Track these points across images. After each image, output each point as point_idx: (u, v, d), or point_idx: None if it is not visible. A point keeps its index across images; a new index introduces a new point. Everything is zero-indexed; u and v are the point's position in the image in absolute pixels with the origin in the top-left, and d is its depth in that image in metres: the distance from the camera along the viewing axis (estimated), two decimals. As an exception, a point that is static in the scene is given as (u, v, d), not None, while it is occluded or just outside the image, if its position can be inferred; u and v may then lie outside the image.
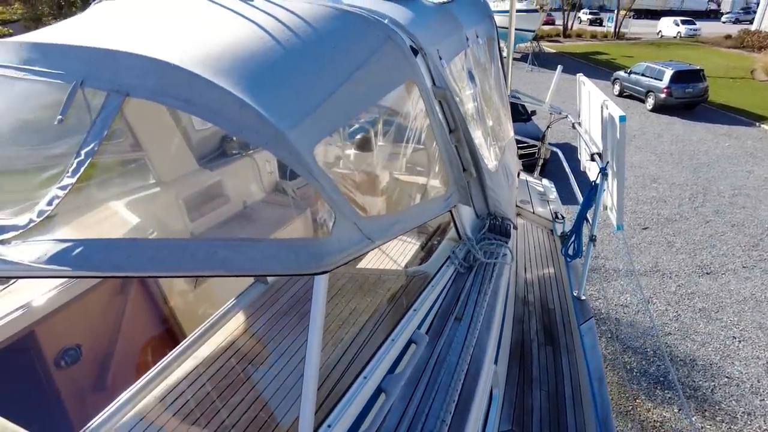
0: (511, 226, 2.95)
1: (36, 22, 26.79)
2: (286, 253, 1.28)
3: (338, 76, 1.58)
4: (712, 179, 11.86)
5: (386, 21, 1.90)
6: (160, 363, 2.17)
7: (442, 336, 2.13)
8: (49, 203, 1.32)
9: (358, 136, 2.58)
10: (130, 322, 2.71)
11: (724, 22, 50.50)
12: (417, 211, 2.03)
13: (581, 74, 4.24)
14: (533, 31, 29.22)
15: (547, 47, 34.65)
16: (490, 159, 2.97)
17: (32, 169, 1.48)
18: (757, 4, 35.28)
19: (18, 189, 1.50)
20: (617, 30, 40.42)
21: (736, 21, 48.89)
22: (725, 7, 58.30)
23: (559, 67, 4.95)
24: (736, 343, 6.58)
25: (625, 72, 20.04)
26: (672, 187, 11.48)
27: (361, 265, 2.95)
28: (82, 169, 1.34)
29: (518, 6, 30.62)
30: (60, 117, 1.40)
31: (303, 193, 3.88)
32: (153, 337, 2.88)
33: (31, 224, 1.30)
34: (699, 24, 40.87)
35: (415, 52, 2.03)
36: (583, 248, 3.33)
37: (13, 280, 2.45)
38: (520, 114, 12.06)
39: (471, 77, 2.93)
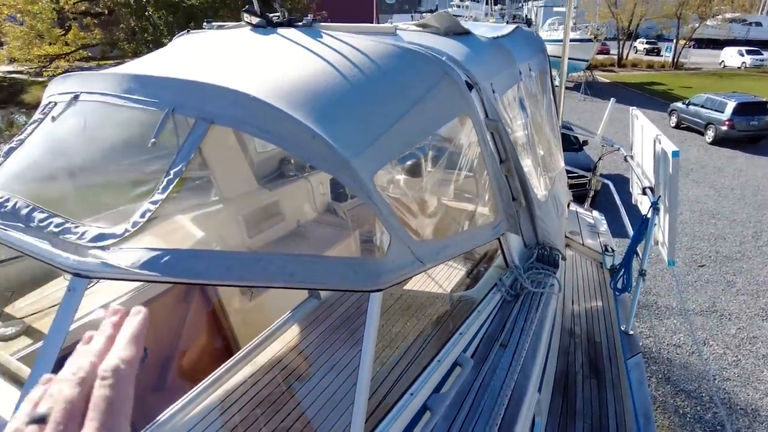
0: (560, 256, 2.96)
1: (112, 46, 29.04)
2: (346, 270, 1.39)
3: (398, 109, 1.71)
4: (778, 217, 11.22)
5: (444, 58, 2.04)
6: (217, 370, 2.32)
7: (487, 361, 2.17)
8: (142, 215, 1.50)
9: (411, 163, 2.69)
10: (190, 329, 2.90)
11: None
12: (466, 237, 2.11)
13: (635, 108, 4.22)
14: (587, 61, 28.89)
15: (601, 77, 34.06)
16: (539, 188, 3.01)
17: (128, 185, 1.69)
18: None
19: (117, 202, 1.70)
20: (675, 60, 39.25)
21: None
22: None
23: (612, 100, 4.93)
24: (804, 395, 6.13)
25: (683, 103, 19.40)
26: (733, 224, 10.93)
27: (408, 286, 3.03)
28: (171, 187, 1.52)
29: (572, 35, 30.48)
30: (153, 140, 1.60)
31: (353, 215, 4.04)
32: (210, 345, 3.05)
33: (127, 233, 1.48)
34: (766, 54, 39.08)
35: (470, 86, 2.15)
36: (633, 282, 3.28)
37: (95, 282, 2.69)
38: (571, 143, 11.89)
39: (523, 109, 3.01)
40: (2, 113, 28.54)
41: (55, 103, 1.99)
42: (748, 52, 38.35)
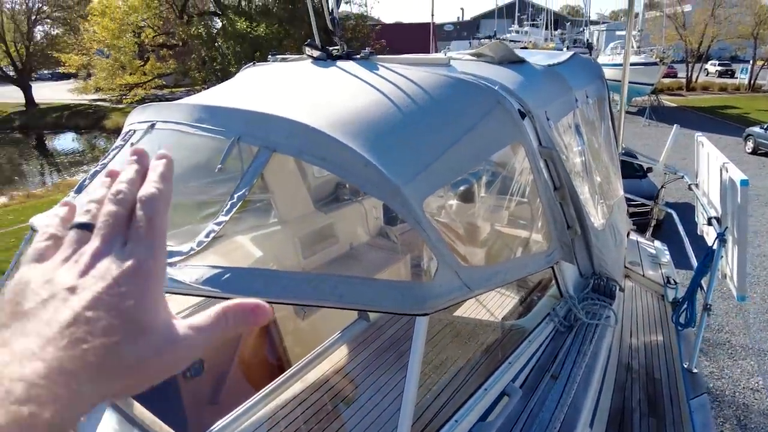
0: (617, 287, 2.86)
1: (184, 75, 31.23)
2: (394, 293, 1.44)
3: (449, 138, 1.77)
4: None
5: (497, 87, 2.07)
6: (268, 386, 2.40)
7: (536, 392, 2.12)
8: (207, 236, 1.62)
9: (463, 189, 2.72)
10: (245, 345, 3.03)
11: None
12: (517, 265, 2.10)
13: (700, 134, 4.04)
14: (652, 85, 27.83)
15: (668, 101, 32.66)
16: (596, 217, 2.94)
17: (196, 206, 1.82)
18: None
19: (184, 222, 1.84)
20: (752, 82, 36.99)
21: None
22: None
23: (676, 126, 4.74)
24: None
25: (761, 128, 18.20)
26: (820, 258, 10.04)
27: (458, 312, 3.02)
28: (234, 210, 1.64)
29: (636, 59, 29.50)
30: (219, 166, 1.73)
31: (405, 239, 4.09)
32: (263, 361, 3.16)
33: (192, 252, 1.60)
34: None
35: (522, 115, 2.17)
36: (697, 317, 3.09)
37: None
38: (635, 170, 11.41)
39: (579, 136, 2.97)
40: (87, 137, 31.24)
41: (135, 131, 2.20)
42: (836, 73, 35.57)
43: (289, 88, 2.22)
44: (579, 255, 2.67)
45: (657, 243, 4.96)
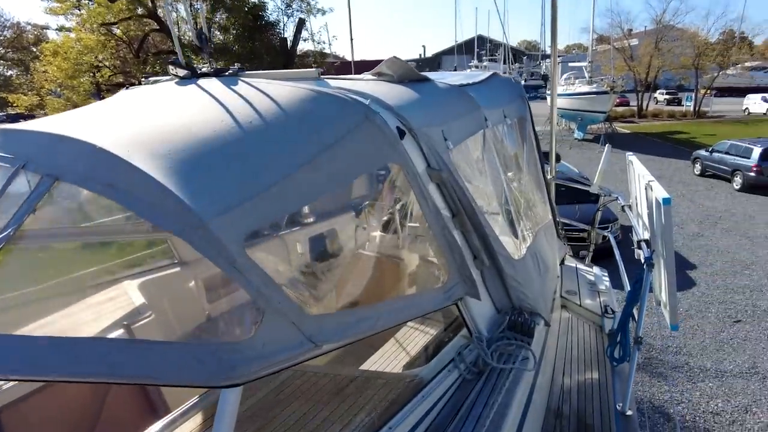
0: (541, 322, 2.59)
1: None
2: (187, 360, 1.10)
3: (297, 158, 1.47)
4: (820, 266, 10.40)
5: (368, 101, 1.81)
6: None
7: None
8: None
9: (326, 217, 2.38)
10: (110, 411, 2.53)
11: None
12: (402, 305, 1.78)
13: (630, 153, 3.90)
14: (605, 113, 28.86)
15: (621, 128, 33.86)
16: (514, 245, 2.70)
17: None
18: None
19: None
20: (697, 108, 38.88)
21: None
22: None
23: (608, 146, 4.64)
24: None
25: (707, 151, 18.90)
26: (770, 274, 10.16)
27: (352, 359, 2.64)
28: None
29: (589, 89, 30.67)
30: None
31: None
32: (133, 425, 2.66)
33: None
34: (792, 100, 38.40)
35: (402, 133, 1.90)
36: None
37: None
38: (588, 195, 11.47)
39: (490, 158, 2.75)
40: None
41: None
42: (773, 98, 37.78)
43: (130, 111, 1.91)
44: (492, 289, 2.40)
45: (596, 269, 4.72)
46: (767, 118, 35.23)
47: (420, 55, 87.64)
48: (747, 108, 39.50)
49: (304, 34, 26.50)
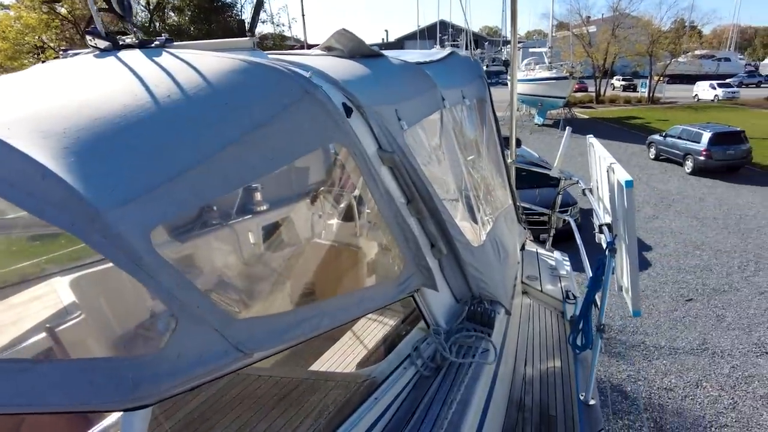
0: (502, 311, 2.49)
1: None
2: (78, 380, 0.91)
3: (222, 137, 1.28)
4: (764, 245, 10.88)
5: (309, 74, 1.62)
6: None
7: None
8: None
9: (261, 204, 2.16)
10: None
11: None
12: (352, 301, 1.62)
13: (591, 136, 3.85)
14: (564, 98, 29.39)
15: (580, 113, 34.59)
16: (473, 232, 2.58)
17: None
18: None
19: None
20: (651, 95, 40.18)
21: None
22: (764, 70, 57.31)
23: (568, 129, 4.60)
24: (808, 441, 5.57)
25: (660, 135, 19.51)
26: (718, 254, 10.57)
27: (302, 359, 2.47)
28: None
29: (548, 74, 31.12)
30: None
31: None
32: None
33: None
34: (737, 87, 40.24)
35: (348, 110, 1.73)
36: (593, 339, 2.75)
37: None
38: (549, 179, 11.61)
39: (448, 141, 2.62)
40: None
41: None
42: (720, 85, 39.44)
43: (35, 86, 1.66)
44: (450, 278, 2.28)
45: (557, 253, 4.69)
46: (715, 105, 36.71)
47: (383, 39, 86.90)
48: (696, 95, 41.10)
49: (263, 16, 25.68)
